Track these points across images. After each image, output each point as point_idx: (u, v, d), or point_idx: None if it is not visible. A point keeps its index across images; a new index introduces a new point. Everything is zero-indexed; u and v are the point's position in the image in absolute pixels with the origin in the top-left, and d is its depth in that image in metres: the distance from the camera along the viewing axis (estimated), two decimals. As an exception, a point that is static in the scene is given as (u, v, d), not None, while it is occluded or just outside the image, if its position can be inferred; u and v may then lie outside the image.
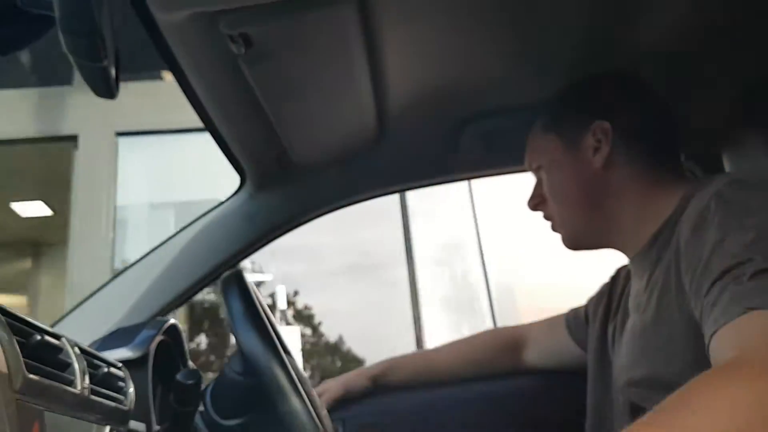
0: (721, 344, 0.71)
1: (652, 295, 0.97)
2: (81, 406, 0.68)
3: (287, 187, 1.44)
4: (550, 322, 1.44)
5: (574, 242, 1.14)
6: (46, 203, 7.94)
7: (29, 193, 7.76)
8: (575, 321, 1.35)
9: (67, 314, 1.38)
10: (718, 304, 0.74)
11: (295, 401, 0.92)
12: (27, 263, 9.11)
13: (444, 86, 1.20)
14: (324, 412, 1.14)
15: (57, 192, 7.17)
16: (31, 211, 8.14)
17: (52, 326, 1.23)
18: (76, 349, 0.71)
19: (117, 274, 1.45)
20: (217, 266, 1.43)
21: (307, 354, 9.82)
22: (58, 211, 7.69)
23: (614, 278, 1.26)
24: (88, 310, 1.39)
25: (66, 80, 6.70)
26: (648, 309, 0.97)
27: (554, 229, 1.15)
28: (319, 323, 10.19)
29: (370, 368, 1.49)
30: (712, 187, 0.87)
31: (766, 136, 1.03)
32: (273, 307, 8.34)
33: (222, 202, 1.47)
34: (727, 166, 1.13)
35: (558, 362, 1.41)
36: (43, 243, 8.90)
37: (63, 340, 0.70)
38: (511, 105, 1.28)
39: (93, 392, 0.71)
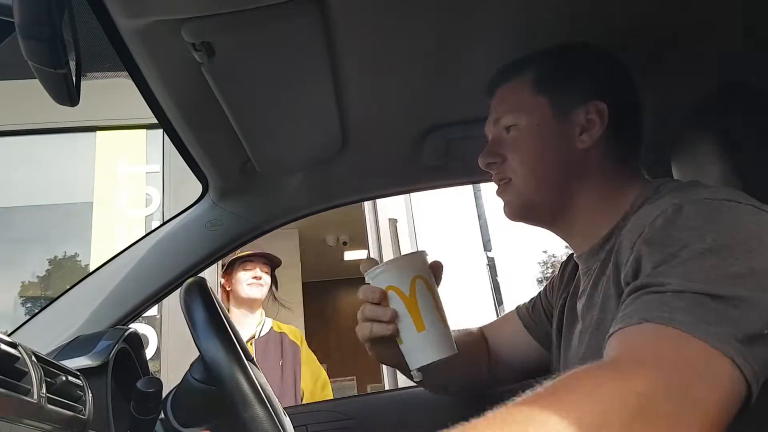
0: (609, 346, 0.74)
1: (597, 298, 0.96)
2: (37, 416, 0.67)
3: (250, 196, 1.43)
4: (502, 319, 1.39)
5: (523, 211, 1.08)
6: None
7: None
8: (529, 312, 1.31)
9: (26, 322, 1.36)
10: (624, 312, 0.76)
11: (258, 409, 0.92)
12: None
13: (406, 97, 1.21)
14: (287, 420, 1.14)
15: None
16: None
17: (10, 335, 1.21)
18: (33, 358, 0.71)
19: (78, 282, 1.42)
20: (179, 275, 1.42)
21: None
22: None
23: (563, 269, 1.23)
24: (49, 318, 1.37)
25: None
26: (594, 312, 0.97)
27: (504, 193, 1.09)
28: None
29: None
30: (663, 202, 0.86)
31: (715, 143, 1.05)
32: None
33: (184, 210, 1.46)
34: (675, 171, 1.15)
35: (520, 359, 1.32)
36: None
37: (19, 348, 0.69)
38: (472, 117, 1.29)
39: (50, 401, 0.71)
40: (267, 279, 2.87)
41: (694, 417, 0.63)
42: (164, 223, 1.45)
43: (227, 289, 2.90)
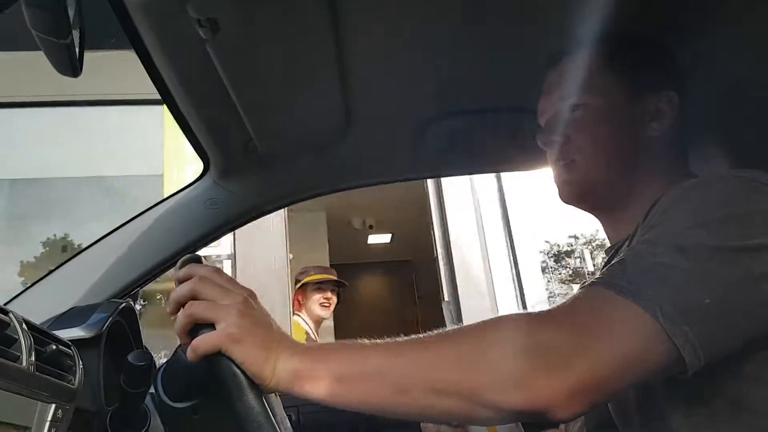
0: None
1: None
2: (26, 382, 0.68)
3: (251, 175, 1.43)
4: None
5: (585, 194, 1.03)
6: None
7: None
8: None
9: (23, 292, 1.36)
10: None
11: (250, 397, 0.91)
12: None
13: (410, 84, 1.20)
14: (277, 401, 1.14)
15: None
16: None
17: (6, 304, 1.21)
18: (24, 326, 0.71)
19: (76, 254, 1.42)
20: (177, 251, 1.42)
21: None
22: None
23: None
24: (46, 289, 1.37)
25: None
26: None
27: (565, 174, 1.03)
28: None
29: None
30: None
31: (716, 143, 1.04)
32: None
33: (185, 187, 1.46)
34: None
35: None
36: None
37: (10, 315, 0.69)
38: (475, 107, 1.29)
39: (39, 369, 0.71)
40: (335, 300, 3.36)
41: (596, 358, 0.66)
42: (164, 200, 1.45)
43: (300, 302, 3.34)
